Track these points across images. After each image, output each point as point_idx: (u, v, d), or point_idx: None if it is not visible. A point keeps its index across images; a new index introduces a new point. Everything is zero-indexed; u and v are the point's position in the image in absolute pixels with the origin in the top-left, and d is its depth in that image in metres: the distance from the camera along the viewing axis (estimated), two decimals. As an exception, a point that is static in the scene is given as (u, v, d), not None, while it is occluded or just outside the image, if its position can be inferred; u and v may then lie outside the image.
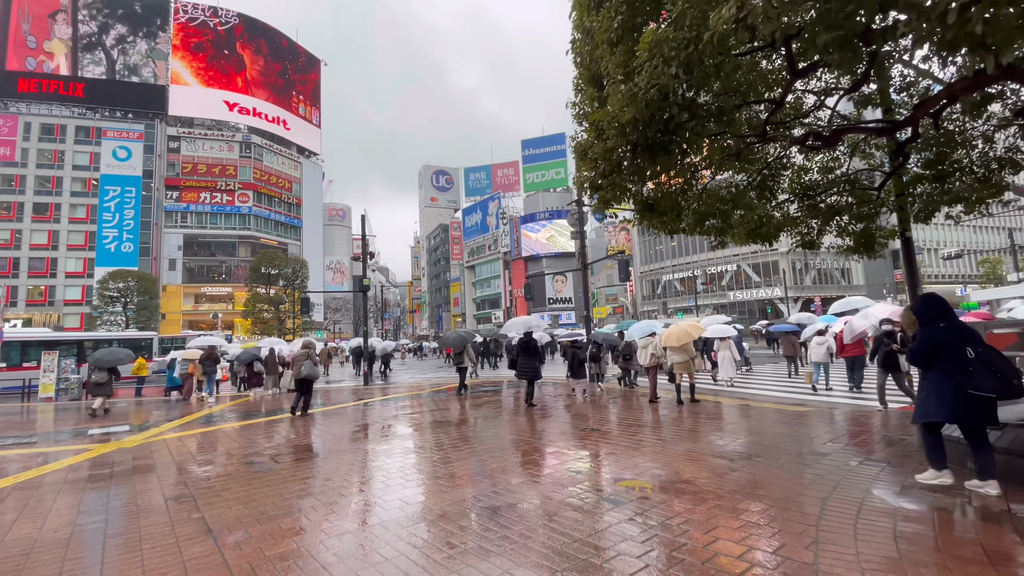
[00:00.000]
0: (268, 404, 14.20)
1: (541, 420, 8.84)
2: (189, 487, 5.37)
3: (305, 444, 7.57)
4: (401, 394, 14.93)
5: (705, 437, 6.80)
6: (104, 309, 46.22)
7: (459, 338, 14.10)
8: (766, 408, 9.14)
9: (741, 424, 7.69)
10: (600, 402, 11.02)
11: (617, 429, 7.61)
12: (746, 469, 5.09)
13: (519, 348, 10.62)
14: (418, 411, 11.06)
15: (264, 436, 8.52)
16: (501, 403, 11.82)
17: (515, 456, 6.17)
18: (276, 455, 6.81)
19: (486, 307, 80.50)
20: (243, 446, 7.66)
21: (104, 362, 13.41)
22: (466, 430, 8.16)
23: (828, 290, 52.34)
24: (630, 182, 5.23)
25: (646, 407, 9.82)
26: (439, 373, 25.07)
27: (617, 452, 6.13)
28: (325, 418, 10.56)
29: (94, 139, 54.94)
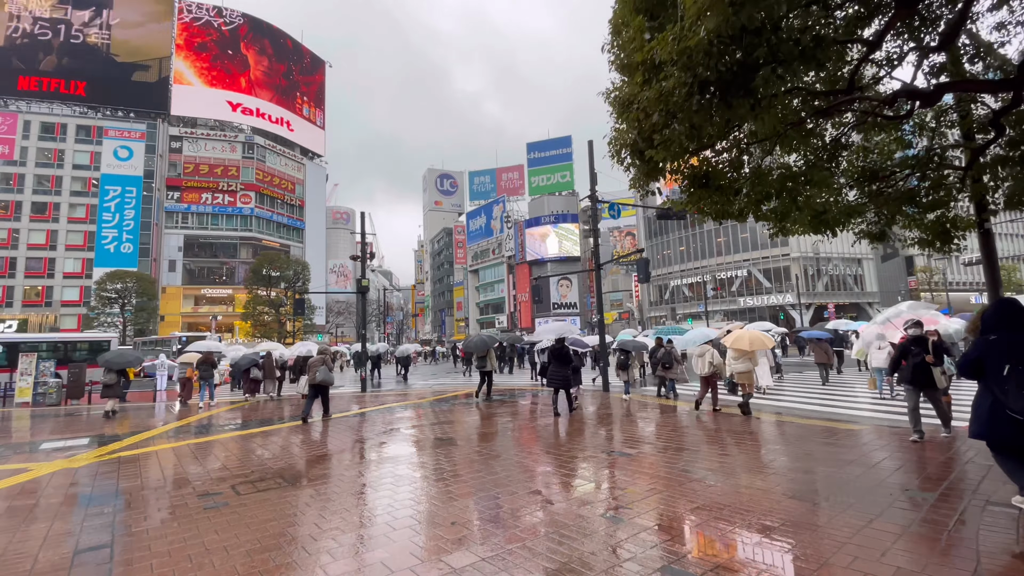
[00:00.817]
0: (260, 412, 13.09)
1: (568, 438, 7.67)
2: (114, 531, 4.22)
3: (279, 468, 6.40)
4: (406, 402, 13.77)
5: (764, 465, 5.60)
6: (101, 310, 45.37)
7: (483, 342, 13.74)
8: (814, 426, 7.92)
9: (798, 448, 6.47)
10: (634, 414, 9.84)
11: (658, 451, 6.42)
12: (843, 518, 3.91)
13: (551, 355, 10.24)
14: (423, 424, 9.90)
15: (238, 455, 7.37)
16: (519, 414, 10.66)
17: (529, 494, 4.99)
18: (241, 482, 5.65)
19: (489, 311, 79.34)
20: (208, 469, 6.50)
21: (114, 364, 13.26)
22: (477, 450, 6.98)
23: (840, 296, 50.95)
24: (688, 139, 4.08)
25: (686, 421, 8.63)
26: (451, 379, 23.90)
27: (663, 484, 4.93)
28: (317, 431, 9.42)
29: (95, 138, 54.31)
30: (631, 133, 4.25)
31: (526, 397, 13.90)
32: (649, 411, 10.42)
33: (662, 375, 11.99)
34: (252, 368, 16.97)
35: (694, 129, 3.86)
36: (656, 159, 4.36)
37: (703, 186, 5.40)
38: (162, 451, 7.86)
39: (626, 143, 4.43)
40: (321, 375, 10.62)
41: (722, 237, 55.20)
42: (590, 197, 13.76)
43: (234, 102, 60.23)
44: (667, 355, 11.77)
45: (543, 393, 14.70)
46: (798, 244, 49.81)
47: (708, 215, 6.09)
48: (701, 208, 5.82)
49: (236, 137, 59.90)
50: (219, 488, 5.43)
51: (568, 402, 10.36)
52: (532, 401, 12.93)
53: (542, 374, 10.64)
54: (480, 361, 13.52)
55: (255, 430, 9.86)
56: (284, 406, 14.73)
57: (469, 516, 4.29)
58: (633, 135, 4.22)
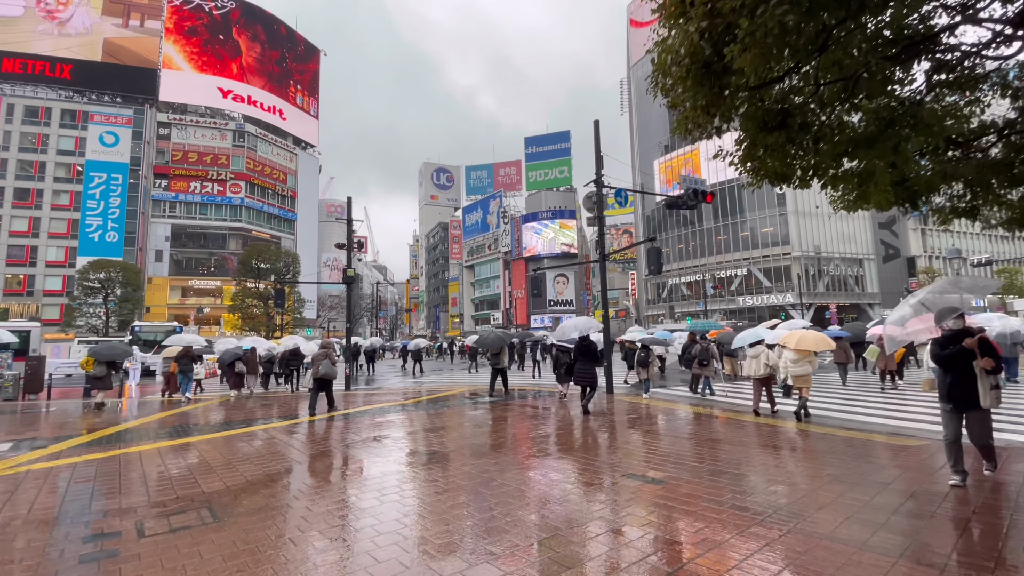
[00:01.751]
0: (236, 410, 11.98)
1: (587, 453, 6.60)
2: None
3: (213, 491, 5.26)
4: (396, 402, 12.68)
5: (843, 500, 4.52)
6: (83, 300, 43.98)
7: (498, 339, 13.60)
8: (875, 442, 6.87)
9: (874, 472, 5.41)
10: (661, 419, 8.78)
11: (702, 475, 5.33)
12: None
13: (577, 352, 9.81)
14: (415, 431, 8.81)
15: (177, 470, 6.27)
16: (529, 418, 9.59)
17: (539, 544, 3.91)
18: (156, 515, 4.53)
19: (485, 308, 78.25)
20: (126, 492, 5.39)
21: (102, 355, 13.14)
22: (468, 471, 5.90)
23: (841, 297, 50.17)
24: (780, 40, 2.96)
25: (728, 431, 7.58)
26: (447, 377, 22.84)
27: (716, 528, 3.87)
28: (284, 437, 8.31)
29: (80, 123, 52.69)
30: (692, 32, 3.10)
31: (537, 397, 12.90)
32: (679, 417, 9.38)
33: (698, 372, 11.43)
34: (236, 362, 16.45)
35: (791, 22, 2.70)
36: (738, 65, 3.16)
37: (774, 128, 4.26)
38: (89, 462, 6.73)
39: (682, 55, 3.31)
40: (324, 369, 10.57)
41: (722, 235, 54.31)
42: (595, 182, 12.67)
43: (225, 89, 58.66)
44: (704, 351, 11.24)
45: (548, 394, 13.65)
46: (799, 243, 48.98)
47: (765, 177, 5.00)
48: (762, 164, 4.70)
49: (226, 125, 58.37)
50: (120, 525, 4.25)
51: (587, 400, 9.71)
52: (544, 403, 11.89)
53: (568, 372, 10.08)
54: (494, 358, 13.46)
55: (215, 434, 8.75)
56: (264, 404, 13.62)
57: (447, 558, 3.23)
58: (695, 36, 3.11)
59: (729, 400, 11.28)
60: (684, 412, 9.85)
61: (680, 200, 13.49)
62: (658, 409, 10.29)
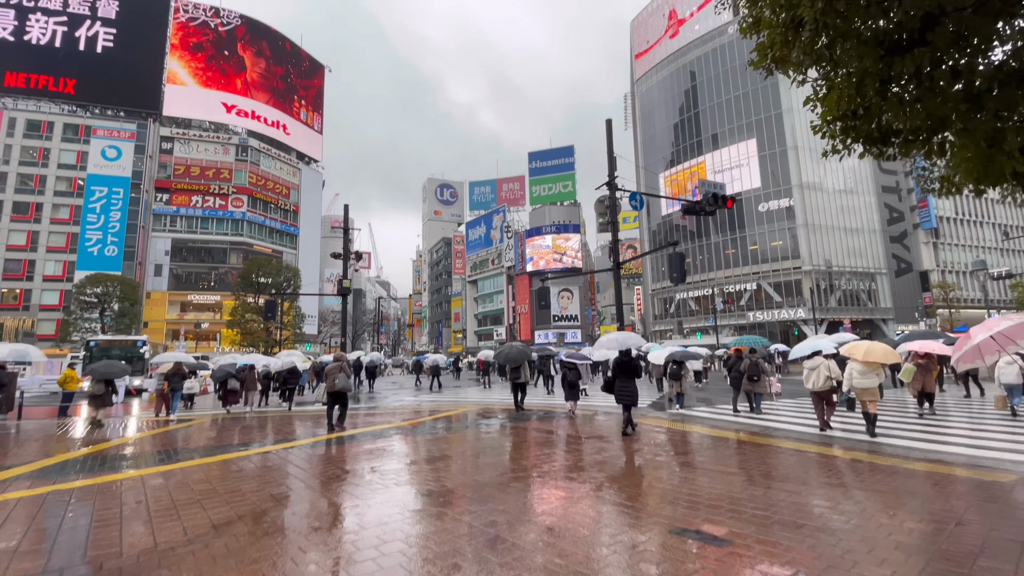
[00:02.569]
0: (225, 430, 10.91)
1: (631, 495, 5.51)
2: None
3: (148, 546, 4.21)
4: (392, 423, 11.58)
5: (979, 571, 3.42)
6: (79, 315, 43.12)
7: (520, 353, 13.49)
8: (960, 477, 5.76)
9: (993, 523, 4.31)
10: (700, 447, 7.66)
11: (780, 530, 4.21)
12: None
13: (616, 368, 9.25)
14: (419, 459, 7.72)
15: (130, 510, 5.20)
16: (553, 443, 8.48)
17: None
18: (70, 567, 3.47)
19: (488, 323, 77.10)
20: (40, 539, 4.33)
21: (100, 373, 13.01)
22: (480, 522, 4.82)
23: (853, 312, 48.89)
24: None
25: (791, 461, 6.46)
26: (454, 394, 21.69)
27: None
28: (263, 465, 7.22)
29: (82, 137, 52.49)
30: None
31: (552, 418, 11.81)
32: (721, 443, 8.24)
33: (749, 389, 10.95)
34: (229, 379, 16.36)
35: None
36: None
37: (908, 47, 3.26)
38: (13, 502, 5.66)
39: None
40: (341, 382, 10.41)
41: (730, 249, 53.33)
42: (608, 185, 11.73)
43: (229, 104, 58.62)
44: (754, 366, 10.62)
45: (562, 414, 12.53)
46: (810, 257, 47.95)
47: (858, 140, 3.99)
48: (864, 119, 3.69)
49: (230, 139, 58.16)
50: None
51: (626, 422, 9.15)
52: (560, 424, 10.78)
53: (606, 389, 9.43)
54: (515, 372, 13.39)
55: (186, 463, 7.66)
56: (253, 425, 12.53)
57: None
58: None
59: (766, 422, 10.15)
60: (725, 437, 8.72)
61: (699, 205, 12.53)
62: (695, 433, 9.16)
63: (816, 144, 50.87)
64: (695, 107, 58.51)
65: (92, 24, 53.58)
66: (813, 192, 49.78)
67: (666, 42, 62.83)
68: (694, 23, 59.70)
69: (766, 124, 51.95)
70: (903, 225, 55.32)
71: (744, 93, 53.76)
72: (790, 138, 50.27)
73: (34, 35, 51.60)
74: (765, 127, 52.01)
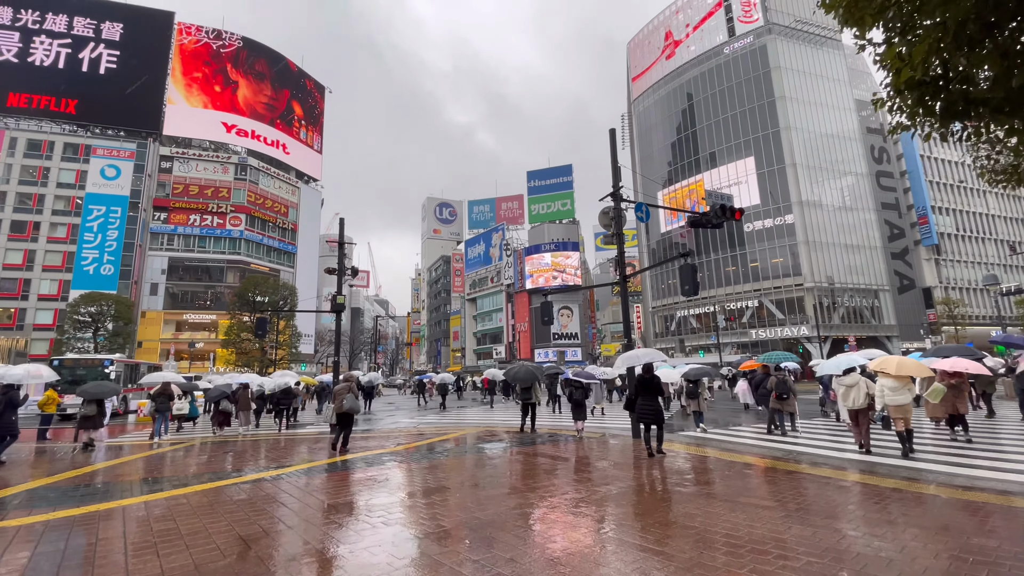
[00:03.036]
0: (208, 456, 10.23)
1: (663, 547, 4.90)
2: None
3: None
4: (388, 448, 10.92)
5: None
6: (72, 335, 42.41)
7: (529, 373, 13.27)
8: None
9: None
10: (730, 477, 7.05)
11: None
12: None
13: (638, 386, 9.02)
14: (393, 488, 7.10)
15: (64, 558, 4.59)
16: (563, 471, 7.85)
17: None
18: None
19: (487, 341, 76.30)
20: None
21: (91, 394, 12.68)
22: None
23: (857, 329, 48.32)
24: None
25: (831, 492, 5.86)
26: (481, 413, 21.00)
27: None
28: (245, 500, 6.59)
29: (82, 156, 52.50)
30: None
31: (562, 441, 11.20)
32: (753, 472, 7.63)
33: (777, 407, 10.55)
34: (223, 400, 15.97)
35: None
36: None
37: None
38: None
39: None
40: (348, 403, 10.14)
41: (731, 266, 53.03)
42: (612, 195, 11.33)
43: (229, 123, 58.89)
44: (782, 384, 10.28)
45: (571, 438, 11.90)
46: (811, 273, 47.62)
47: (946, 122, 3.49)
48: (964, 91, 3.18)
49: (229, 158, 58.23)
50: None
51: (658, 440, 8.87)
52: (570, 449, 10.16)
53: (628, 407, 9.31)
54: (525, 392, 13.16)
55: (147, 496, 7.02)
56: (247, 447, 11.87)
57: None
58: None
59: (793, 445, 9.55)
60: (753, 462, 8.12)
61: (706, 218, 12.09)
62: (719, 459, 8.52)
63: (815, 161, 51.09)
64: (692, 126, 58.90)
65: (96, 46, 54.09)
66: (813, 209, 49.72)
67: (662, 63, 63.63)
68: (690, 44, 60.54)
69: (764, 142, 52.18)
70: (904, 241, 55.20)
71: (742, 112, 54.16)
72: (788, 155, 50.42)
73: (38, 57, 52.02)
74: (763, 144, 52.23)
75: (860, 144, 53.99)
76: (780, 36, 53.43)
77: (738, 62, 55.17)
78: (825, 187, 50.94)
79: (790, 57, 53.18)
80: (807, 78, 53.37)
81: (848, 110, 54.43)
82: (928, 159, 57.05)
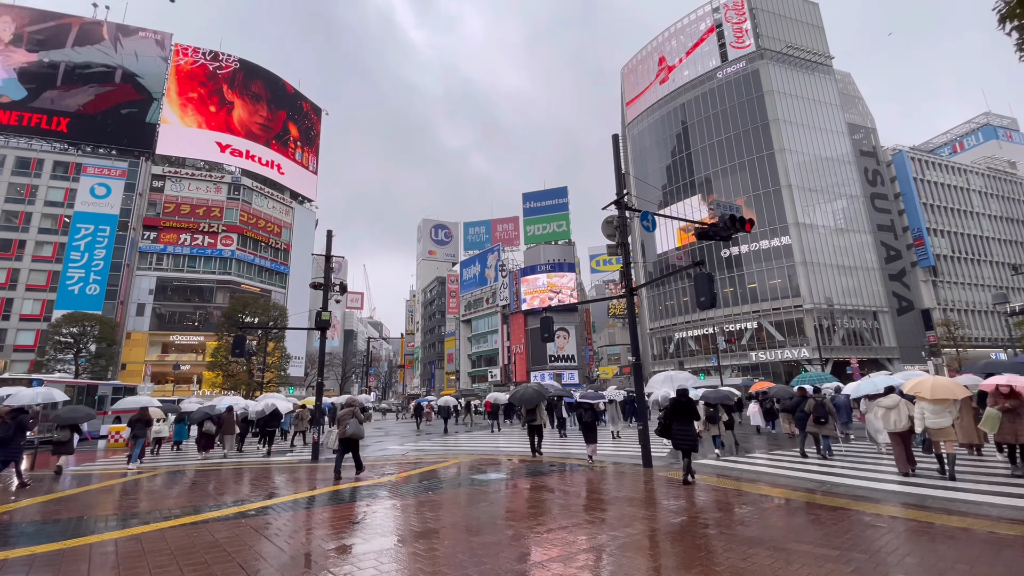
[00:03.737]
0: (190, 483, 9.14)
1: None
2: None
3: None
4: (384, 478, 9.88)
5: None
6: (53, 356, 40.91)
7: (535, 394, 13.08)
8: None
9: None
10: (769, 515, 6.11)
11: None
12: None
13: (672, 410, 8.50)
14: (398, 524, 6.12)
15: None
16: (577, 509, 6.87)
17: None
18: None
19: (482, 364, 74.93)
20: None
21: (65, 419, 12.46)
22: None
23: (857, 352, 47.59)
24: None
25: (900, 539, 4.95)
26: (484, 438, 19.88)
27: None
28: (207, 544, 5.58)
29: (72, 175, 51.82)
30: None
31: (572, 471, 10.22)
32: (800, 505, 6.70)
33: (815, 431, 10.27)
34: (206, 422, 15.79)
35: None
36: None
37: None
38: None
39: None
40: (352, 428, 9.96)
41: (728, 287, 52.51)
42: (617, 203, 10.63)
43: (223, 143, 58.57)
44: (820, 407, 9.91)
45: (583, 467, 10.90)
46: (810, 295, 47.14)
47: None
48: None
49: (222, 178, 57.68)
50: None
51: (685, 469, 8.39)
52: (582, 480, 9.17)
53: (662, 434, 8.65)
54: (530, 414, 12.94)
55: (91, 537, 5.99)
56: (226, 477, 10.77)
57: None
58: None
59: (830, 473, 8.63)
60: (793, 497, 7.19)
61: (714, 229, 11.39)
62: (754, 494, 7.58)
63: (810, 183, 51.23)
64: (687, 148, 59.22)
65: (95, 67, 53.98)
66: (809, 230, 49.60)
67: (656, 87, 64.39)
68: (683, 68, 61.37)
69: (759, 164, 52.37)
70: (901, 263, 55.06)
71: (736, 135, 54.52)
72: (783, 177, 50.53)
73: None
74: (758, 167, 52.40)
75: (854, 166, 54.32)
76: (772, 61, 54.22)
77: (731, 86, 55.83)
78: (821, 209, 50.96)
79: (782, 81, 53.87)
80: (800, 102, 53.99)
81: (841, 133, 54.94)
82: (921, 181, 57.45)
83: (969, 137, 78.76)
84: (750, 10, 55.99)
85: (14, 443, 9.48)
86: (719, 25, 58.27)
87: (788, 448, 12.31)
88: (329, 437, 13.84)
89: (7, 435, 9.27)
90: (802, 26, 57.85)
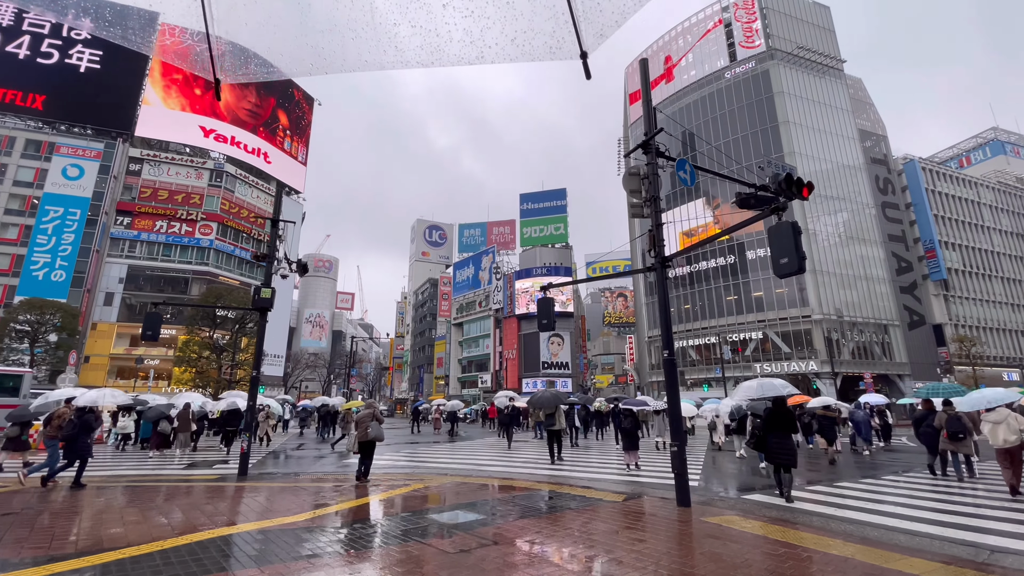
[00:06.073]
0: (105, 502, 6.33)
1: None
2: None
3: None
4: (376, 494, 7.06)
5: None
6: (8, 346, 37.76)
7: (553, 398, 13.27)
8: None
9: None
10: None
11: None
12: None
13: (770, 421, 7.51)
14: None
15: None
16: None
17: None
18: None
19: (472, 369, 72.03)
20: None
21: (16, 417, 11.35)
22: None
23: (867, 366, 45.15)
24: None
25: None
26: (496, 452, 17.08)
27: None
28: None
29: (44, 154, 48.89)
30: None
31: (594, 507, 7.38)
32: None
33: (952, 448, 9.03)
34: (161, 421, 15.18)
35: None
36: None
37: None
38: None
39: None
40: (374, 431, 9.69)
41: (732, 295, 50.08)
42: (644, 147, 8.00)
43: (207, 127, 55.76)
44: (956, 421, 8.49)
45: (609, 502, 8.15)
46: (819, 305, 44.73)
47: None
48: None
49: (204, 163, 54.86)
50: None
51: (787, 486, 7.43)
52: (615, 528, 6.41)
53: (757, 447, 7.71)
54: (549, 419, 12.83)
55: None
56: (160, 494, 7.87)
57: None
58: None
59: (955, 526, 5.99)
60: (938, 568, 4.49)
61: (763, 192, 8.69)
62: (878, 568, 4.83)
63: (819, 189, 48.99)
64: (692, 149, 56.99)
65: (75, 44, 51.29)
66: (819, 237, 47.34)
67: (662, 86, 62.36)
68: (689, 68, 59.42)
69: (767, 166, 50.14)
70: (912, 275, 52.87)
71: (744, 136, 52.42)
72: (793, 181, 48.31)
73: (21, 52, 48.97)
74: (766, 170, 50.19)
75: (864, 173, 52.27)
76: (782, 62, 52.28)
77: (740, 86, 53.82)
78: (831, 215, 48.77)
79: (793, 83, 51.90)
80: (810, 105, 52.00)
81: (852, 139, 52.94)
82: (932, 193, 55.46)
83: (976, 152, 77.28)
84: (760, 10, 54.15)
85: (80, 441, 9.20)
86: (728, 24, 56.43)
87: (872, 473, 9.64)
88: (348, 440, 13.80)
89: (72, 434, 9.05)
90: (813, 28, 56.06)
